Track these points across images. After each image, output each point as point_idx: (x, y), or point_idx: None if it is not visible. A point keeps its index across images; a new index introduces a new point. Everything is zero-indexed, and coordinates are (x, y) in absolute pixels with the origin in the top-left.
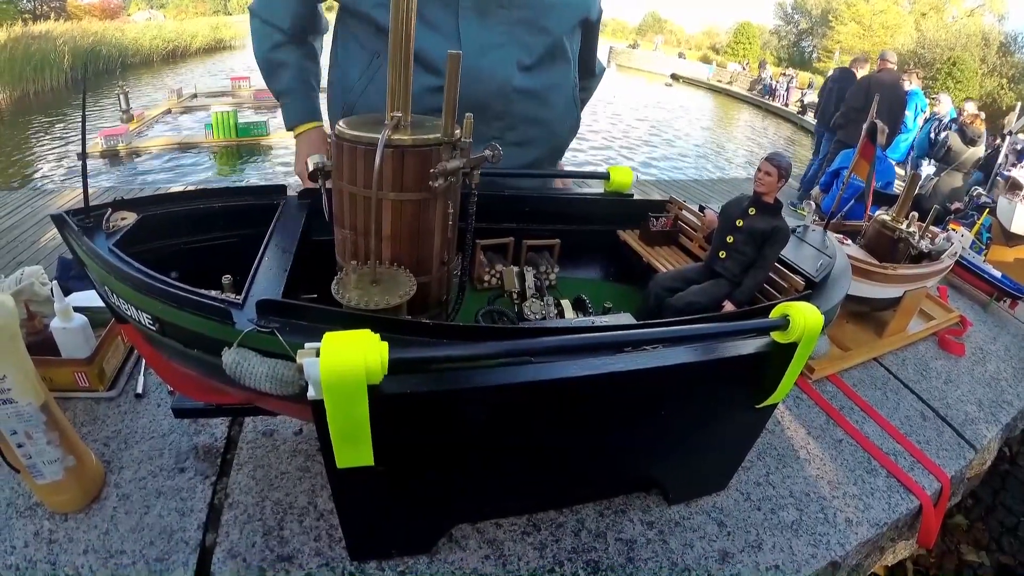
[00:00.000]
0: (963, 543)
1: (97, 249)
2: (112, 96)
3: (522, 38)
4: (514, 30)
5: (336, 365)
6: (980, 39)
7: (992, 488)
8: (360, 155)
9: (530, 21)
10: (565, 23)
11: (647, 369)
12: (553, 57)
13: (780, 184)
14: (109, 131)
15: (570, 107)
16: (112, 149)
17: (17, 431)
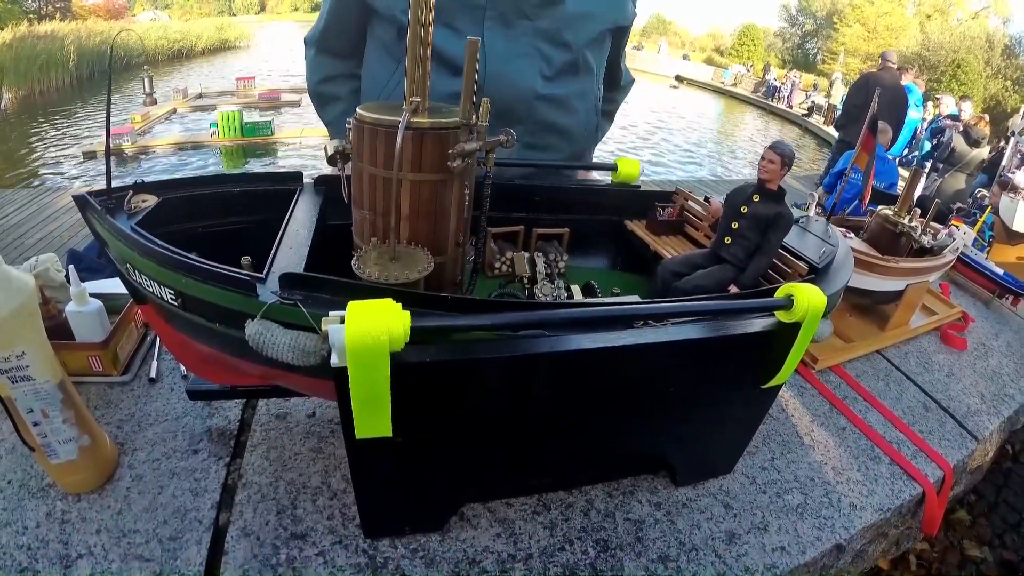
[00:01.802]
0: (966, 539)
1: (121, 227)
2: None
3: (544, 49)
4: (536, 41)
5: (360, 332)
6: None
7: (995, 485)
8: (381, 137)
9: (552, 33)
10: (586, 36)
11: (656, 344)
12: (575, 69)
13: (783, 172)
14: (115, 130)
15: (591, 116)
16: (117, 148)
17: (34, 409)
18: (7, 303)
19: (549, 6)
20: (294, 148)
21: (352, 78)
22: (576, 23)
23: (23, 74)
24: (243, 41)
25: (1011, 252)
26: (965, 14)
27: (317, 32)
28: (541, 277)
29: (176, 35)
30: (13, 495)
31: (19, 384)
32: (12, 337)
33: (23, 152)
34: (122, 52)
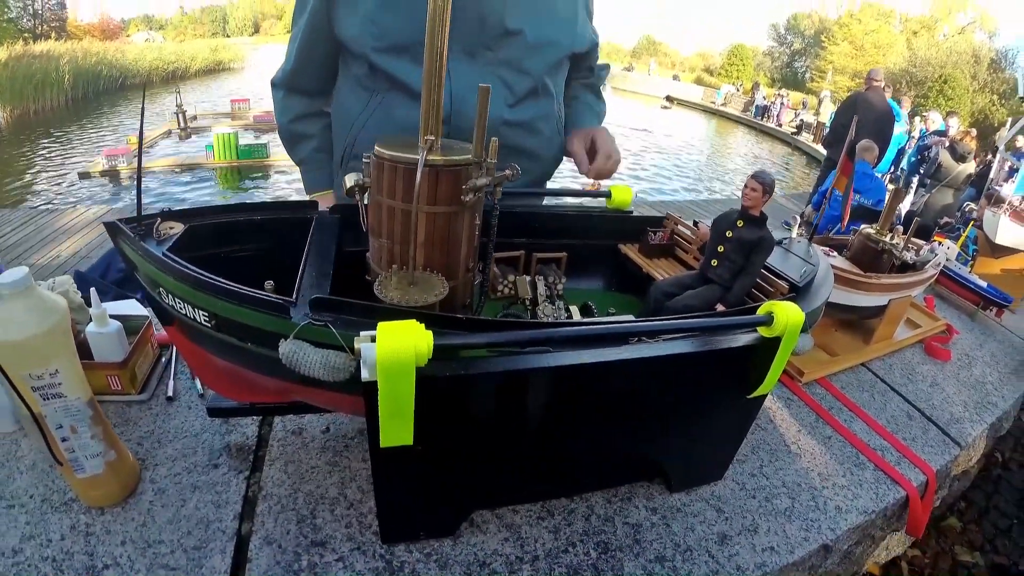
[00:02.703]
0: (957, 544)
1: (155, 253)
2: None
3: (506, 77)
4: (499, 70)
5: (390, 349)
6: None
7: (985, 492)
8: (400, 173)
9: (513, 62)
10: (545, 63)
11: (650, 358)
12: (536, 94)
13: (765, 199)
14: (111, 151)
15: (555, 137)
16: (113, 169)
17: (63, 425)
18: (42, 323)
19: (509, 37)
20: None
21: (322, 115)
22: (535, 52)
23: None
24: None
25: (996, 265)
26: (951, 29)
27: (286, 74)
28: (542, 298)
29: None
30: (36, 509)
31: (50, 401)
32: (47, 356)
33: (18, 171)
34: (117, 72)
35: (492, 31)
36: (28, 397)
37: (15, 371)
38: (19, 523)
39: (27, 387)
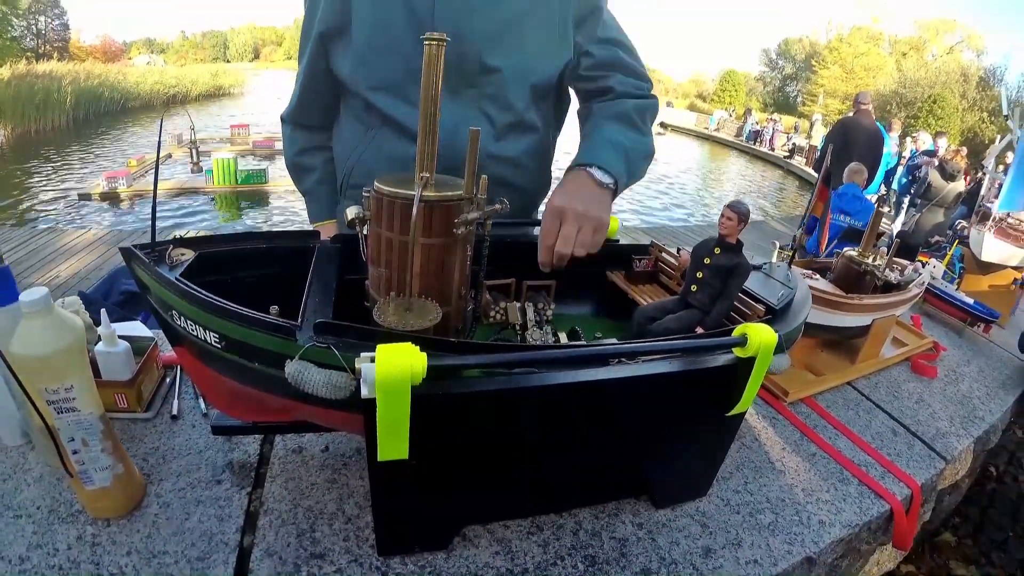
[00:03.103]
0: (952, 559)
1: (169, 278)
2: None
3: (489, 112)
4: (482, 105)
5: (388, 369)
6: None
7: (980, 506)
8: (397, 208)
9: (495, 97)
10: (525, 97)
11: (630, 377)
12: (520, 128)
13: (740, 227)
14: (111, 173)
15: (540, 169)
16: (113, 192)
17: (75, 438)
18: (60, 341)
19: (489, 74)
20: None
21: (324, 149)
22: (515, 86)
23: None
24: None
25: (983, 281)
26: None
27: (291, 109)
28: (531, 324)
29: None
30: (43, 519)
31: (64, 415)
32: (63, 372)
33: (18, 190)
34: (119, 94)
35: (472, 69)
36: (44, 410)
37: (32, 385)
38: (26, 532)
39: (43, 401)
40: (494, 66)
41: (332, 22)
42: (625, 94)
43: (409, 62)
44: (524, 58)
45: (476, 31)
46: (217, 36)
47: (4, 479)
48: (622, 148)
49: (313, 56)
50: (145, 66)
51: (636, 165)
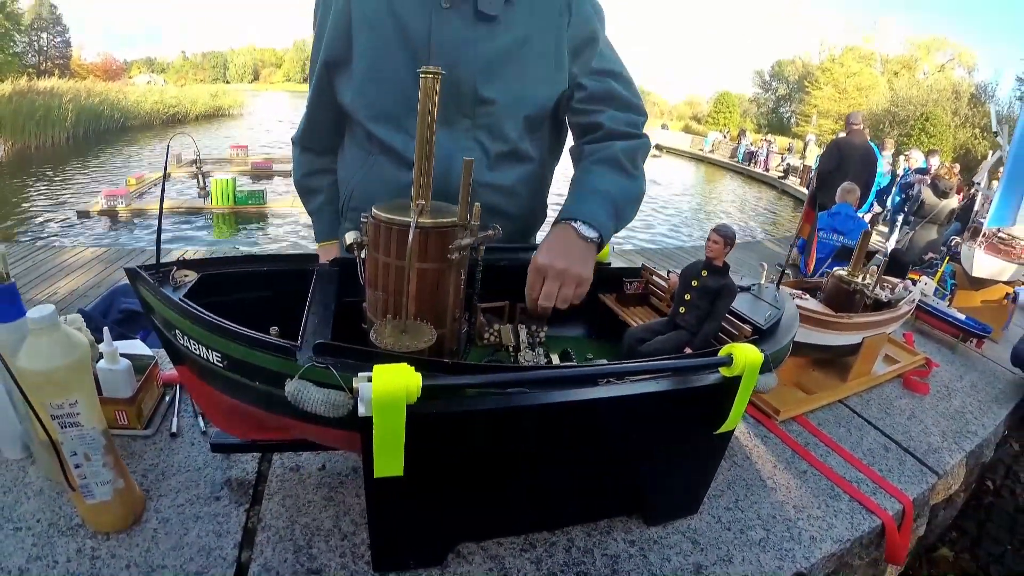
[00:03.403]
0: (950, 574)
1: (174, 298)
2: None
3: (484, 142)
4: (477, 135)
5: (384, 388)
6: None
7: (977, 520)
8: (394, 234)
9: (489, 127)
10: (519, 128)
11: (620, 397)
12: (515, 158)
13: (727, 250)
14: (111, 191)
15: (534, 198)
16: (112, 209)
17: (77, 452)
18: (66, 357)
19: (484, 105)
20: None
21: (330, 172)
22: (510, 117)
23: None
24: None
25: (975, 297)
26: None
27: (300, 133)
28: (524, 346)
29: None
30: (43, 532)
31: (68, 429)
32: (68, 387)
33: (17, 206)
34: (119, 113)
35: (467, 100)
36: (48, 424)
37: (38, 399)
38: (26, 544)
39: (47, 415)
40: (489, 97)
41: (335, 52)
42: (615, 133)
43: (406, 93)
44: (519, 89)
45: (471, 63)
46: (217, 57)
47: (4, 492)
48: (609, 198)
49: (319, 84)
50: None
51: (624, 211)
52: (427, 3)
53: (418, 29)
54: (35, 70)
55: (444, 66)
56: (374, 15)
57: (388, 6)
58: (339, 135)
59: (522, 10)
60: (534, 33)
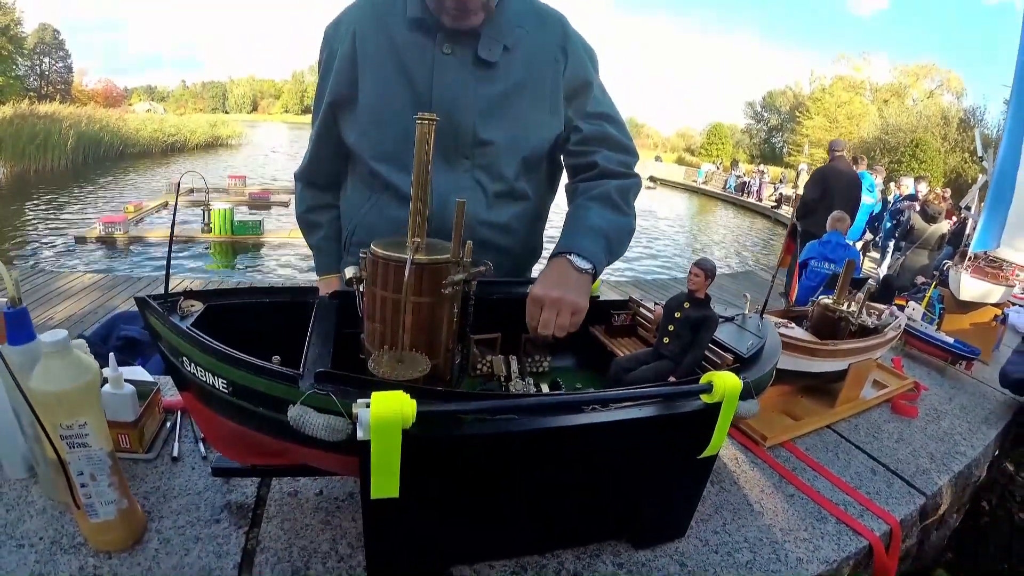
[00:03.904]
0: None
1: (183, 327)
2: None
3: (482, 181)
4: (475, 174)
5: (382, 414)
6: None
7: (973, 540)
8: (391, 269)
9: (487, 167)
10: (516, 168)
11: (605, 423)
12: (511, 197)
13: (707, 283)
14: (109, 218)
15: (530, 235)
16: (110, 236)
17: (84, 472)
18: (77, 380)
19: (483, 146)
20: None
21: (331, 208)
22: (507, 158)
23: (20, 151)
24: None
25: (964, 320)
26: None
27: (303, 169)
28: (515, 376)
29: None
30: (46, 550)
31: (76, 449)
32: (78, 409)
33: (14, 230)
34: (118, 140)
35: (467, 141)
36: (57, 444)
37: (49, 420)
38: (28, 561)
39: (57, 435)
40: (487, 139)
41: (341, 93)
42: (609, 172)
43: (408, 135)
44: (516, 132)
45: (470, 107)
46: (217, 87)
47: (8, 509)
48: (602, 233)
49: (324, 123)
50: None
51: (616, 246)
52: (429, 49)
53: (420, 74)
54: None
55: (445, 109)
56: (379, 59)
57: (392, 51)
58: (341, 171)
59: (519, 56)
60: (530, 78)
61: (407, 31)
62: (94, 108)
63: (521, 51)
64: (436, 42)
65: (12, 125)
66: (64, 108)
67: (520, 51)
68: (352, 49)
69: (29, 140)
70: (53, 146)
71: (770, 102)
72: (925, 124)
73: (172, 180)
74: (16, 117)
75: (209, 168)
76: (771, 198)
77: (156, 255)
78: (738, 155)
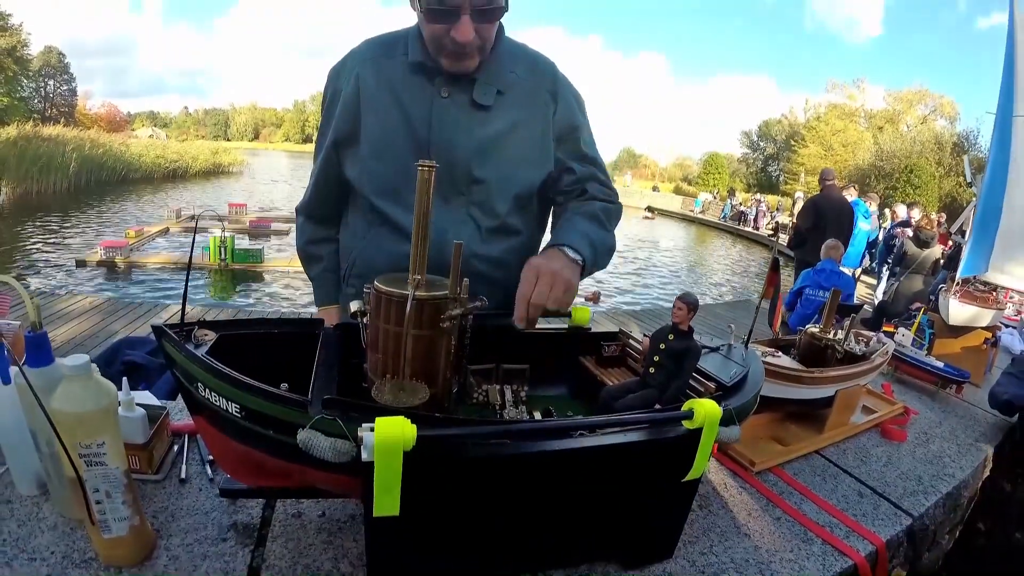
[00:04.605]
0: None
1: (199, 355)
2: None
3: (476, 217)
4: (470, 211)
5: (384, 437)
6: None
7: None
8: (394, 304)
9: (481, 204)
10: (508, 205)
11: (592, 447)
12: (504, 232)
13: (690, 315)
14: (110, 243)
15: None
16: (110, 260)
17: (100, 489)
18: (98, 402)
19: (477, 184)
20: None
21: (331, 241)
22: (500, 195)
23: (24, 172)
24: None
25: (955, 344)
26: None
27: (305, 202)
28: (508, 404)
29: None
30: (57, 564)
31: (93, 467)
32: (98, 429)
33: (15, 251)
34: (120, 165)
35: (462, 179)
36: (76, 462)
37: (69, 439)
38: (41, 574)
39: (76, 454)
40: (481, 177)
41: (345, 131)
42: (596, 197)
43: (408, 172)
44: (508, 171)
45: (465, 147)
46: (219, 115)
47: (19, 524)
48: (589, 239)
49: (327, 159)
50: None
51: (600, 256)
52: (428, 92)
53: (420, 115)
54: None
55: (442, 148)
56: (381, 100)
57: (393, 95)
58: (342, 206)
59: (512, 100)
60: (522, 121)
61: (408, 74)
62: (97, 132)
63: (513, 95)
64: (435, 85)
65: (16, 146)
66: (68, 131)
67: (513, 95)
68: (356, 90)
69: (32, 162)
70: (56, 169)
71: (766, 131)
72: (919, 149)
73: (172, 207)
74: (20, 138)
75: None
76: (768, 227)
77: (156, 281)
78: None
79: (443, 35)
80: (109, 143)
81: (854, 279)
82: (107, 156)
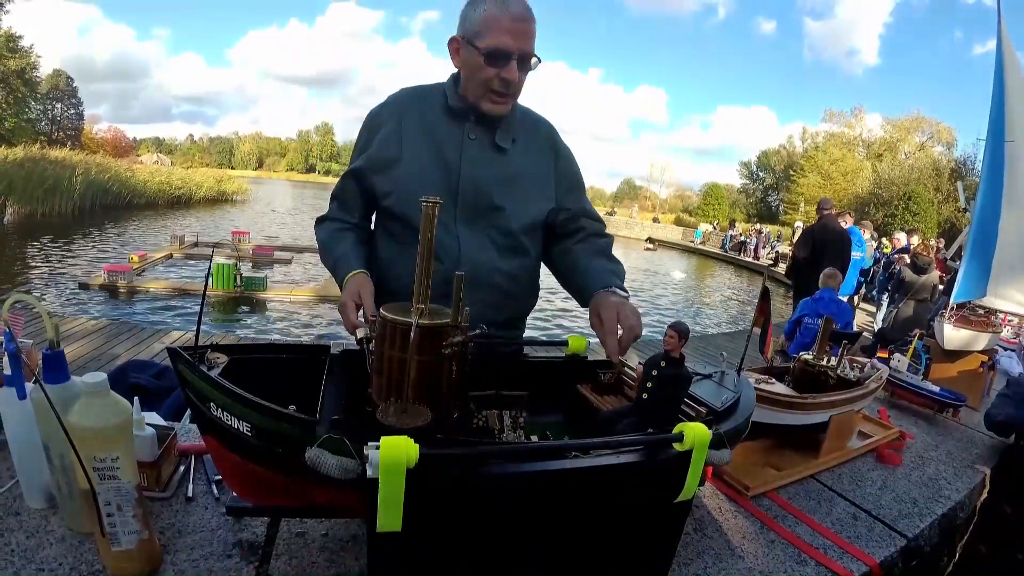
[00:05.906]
0: None
1: (213, 376)
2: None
3: (495, 238)
4: (491, 232)
5: (389, 455)
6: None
7: None
8: (398, 331)
9: (500, 227)
10: (522, 228)
11: (585, 468)
12: (517, 251)
13: (682, 343)
14: (112, 267)
15: (530, 283)
16: (112, 284)
17: (111, 502)
18: (113, 419)
19: (496, 211)
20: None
21: (354, 228)
22: (515, 220)
23: (30, 194)
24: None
25: (952, 368)
26: (912, 147)
27: (331, 211)
28: (507, 429)
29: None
30: (66, 575)
31: (106, 481)
32: (112, 444)
33: (20, 272)
34: (126, 190)
35: (484, 205)
36: (91, 475)
37: (85, 452)
38: None
39: (91, 467)
40: (500, 205)
41: (386, 151)
42: (593, 233)
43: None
44: (521, 202)
45: (489, 180)
46: (224, 143)
47: (28, 536)
48: (616, 275)
49: (357, 169)
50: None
51: None
52: (458, 135)
53: (451, 153)
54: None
55: (470, 180)
56: (418, 138)
57: (429, 133)
58: (366, 208)
59: (522, 148)
60: (530, 165)
61: (443, 116)
62: (104, 157)
63: (523, 144)
64: (464, 129)
65: (23, 168)
66: (74, 155)
67: (522, 144)
68: (398, 127)
69: (39, 184)
70: (62, 191)
71: (765, 161)
72: (917, 176)
73: (176, 233)
74: (27, 160)
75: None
76: (768, 256)
77: (159, 306)
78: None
79: (494, 77)
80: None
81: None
82: (113, 181)
